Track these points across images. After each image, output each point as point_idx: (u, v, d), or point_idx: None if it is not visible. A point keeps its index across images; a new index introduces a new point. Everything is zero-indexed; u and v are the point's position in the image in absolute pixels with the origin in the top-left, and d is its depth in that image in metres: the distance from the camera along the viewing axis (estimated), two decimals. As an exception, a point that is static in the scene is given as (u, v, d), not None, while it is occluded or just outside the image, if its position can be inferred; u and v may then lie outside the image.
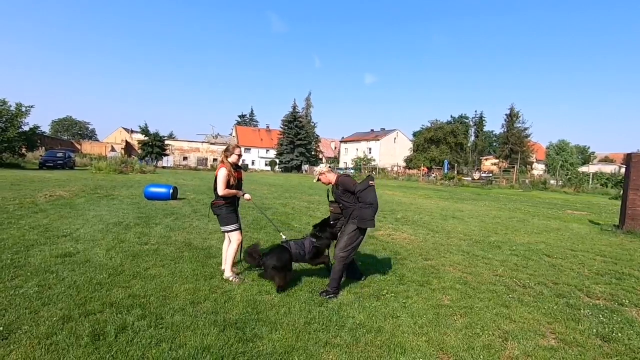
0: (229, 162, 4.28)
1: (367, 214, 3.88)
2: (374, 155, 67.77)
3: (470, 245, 6.67)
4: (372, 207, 3.90)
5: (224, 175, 4.13)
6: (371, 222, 3.91)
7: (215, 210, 4.27)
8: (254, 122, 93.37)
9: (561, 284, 4.56)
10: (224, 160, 4.28)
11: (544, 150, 62.29)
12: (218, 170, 4.20)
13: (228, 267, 4.23)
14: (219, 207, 4.24)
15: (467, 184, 33.75)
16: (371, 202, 3.89)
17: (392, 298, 3.83)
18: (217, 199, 4.22)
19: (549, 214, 12.50)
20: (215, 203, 4.25)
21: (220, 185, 4.12)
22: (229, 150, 4.33)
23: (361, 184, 3.99)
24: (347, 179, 4.11)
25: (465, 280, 4.55)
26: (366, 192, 3.92)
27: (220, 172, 4.15)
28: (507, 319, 3.40)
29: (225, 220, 4.25)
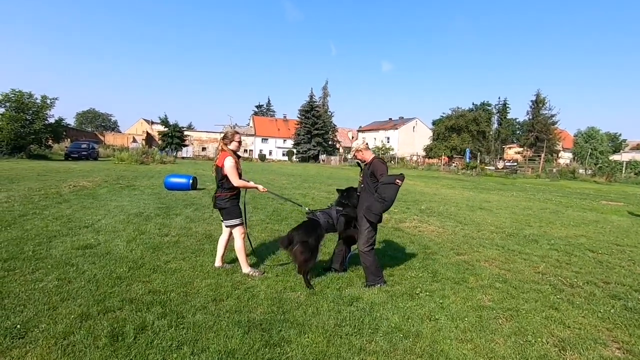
0: (230, 149, 3.90)
1: (377, 208, 3.66)
2: (393, 144, 66.59)
3: (503, 239, 6.26)
4: (385, 204, 3.64)
5: (233, 166, 3.79)
6: (376, 217, 3.73)
7: (219, 203, 3.91)
8: (271, 112, 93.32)
9: (613, 283, 4.14)
10: (224, 148, 3.88)
11: (571, 139, 59.68)
12: (222, 159, 3.80)
13: (243, 264, 3.99)
14: (224, 200, 3.90)
15: (490, 174, 32.67)
16: (386, 198, 3.63)
17: (427, 297, 3.53)
18: (223, 190, 3.88)
19: (583, 205, 11.80)
20: (220, 195, 3.90)
21: (233, 177, 3.80)
22: (227, 137, 3.94)
23: (388, 177, 3.72)
24: (380, 165, 3.85)
25: (504, 277, 4.20)
26: (388, 187, 3.67)
27: (227, 162, 3.78)
28: (560, 324, 3.05)
29: (231, 213, 3.93)
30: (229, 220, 3.94)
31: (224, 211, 3.94)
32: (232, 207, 3.93)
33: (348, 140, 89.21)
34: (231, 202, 3.92)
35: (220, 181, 3.86)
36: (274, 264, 4.33)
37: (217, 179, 3.89)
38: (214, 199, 3.98)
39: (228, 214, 3.93)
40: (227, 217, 3.94)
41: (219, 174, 3.85)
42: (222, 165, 3.79)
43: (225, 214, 3.95)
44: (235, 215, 3.94)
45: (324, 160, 58.31)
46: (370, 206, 3.70)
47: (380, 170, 3.77)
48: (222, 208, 3.93)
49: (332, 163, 53.78)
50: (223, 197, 3.89)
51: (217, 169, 3.87)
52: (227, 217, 3.94)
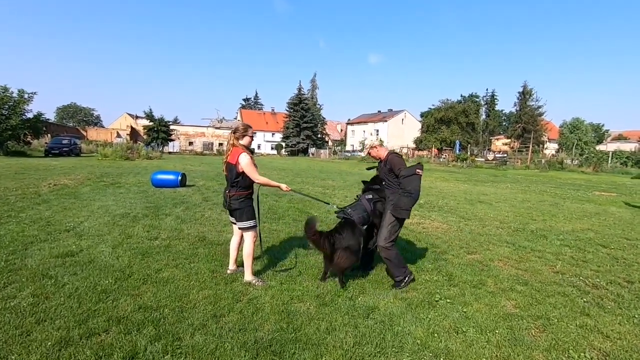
0: (242, 145, 3.59)
1: (404, 203, 3.52)
2: (382, 136, 66.48)
3: (511, 235, 6.03)
4: (412, 197, 3.52)
5: (250, 162, 3.46)
6: (406, 212, 3.54)
7: (233, 204, 3.55)
8: (258, 105, 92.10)
9: (637, 282, 3.93)
10: (235, 143, 3.56)
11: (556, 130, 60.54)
12: (236, 156, 3.46)
13: (248, 270, 3.63)
14: (239, 200, 3.55)
15: (480, 165, 32.83)
16: (411, 191, 3.52)
17: (448, 305, 3.23)
18: (238, 189, 3.53)
19: (579, 196, 11.76)
20: (234, 195, 3.53)
21: (254, 174, 3.48)
22: (239, 131, 3.62)
23: (407, 169, 3.61)
24: (397, 159, 3.72)
25: (524, 279, 3.94)
26: (410, 179, 3.56)
27: (242, 159, 3.44)
28: (598, 334, 2.79)
29: (245, 214, 3.58)
30: (243, 222, 3.60)
31: (237, 212, 3.59)
32: (246, 207, 3.60)
33: (337, 134, 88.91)
34: (245, 203, 3.59)
35: (235, 180, 3.50)
36: (276, 271, 3.96)
37: (231, 178, 3.52)
38: (225, 199, 3.64)
39: (241, 215, 3.59)
40: (241, 218, 3.60)
41: (233, 171, 3.48)
42: (236, 162, 3.45)
43: (238, 215, 3.61)
44: (249, 217, 3.61)
45: (314, 154, 57.83)
46: (397, 203, 3.55)
47: (397, 165, 3.65)
48: (235, 209, 3.58)
49: (322, 156, 53.37)
50: (237, 197, 3.54)
51: (230, 166, 3.50)
52: (241, 219, 3.60)
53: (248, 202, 3.62)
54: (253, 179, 3.51)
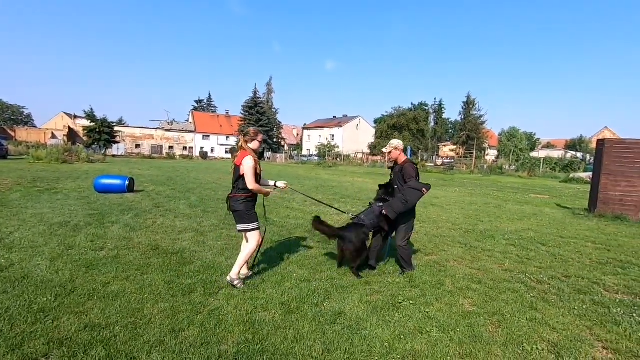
0: (250, 148, 3.64)
1: (398, 207, 3.99)
2: (338, 142, 67.62)
3: (463, 236, 6.37)
4: (405, 206, 3.99)
5: (252, 166, 3.52)
6: (394, 214, 4.00)
7: (234, 206, 3.61)
8: (212, 107, 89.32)
9: (573, 277, 4.32)
10: (244, 146, 3.63)
11: (496, 137, 65.64)
12: (242, 158, 3.55)
13: (236, 269, 3.59)
14: (240, 202, 3.60)
15: (430, 170, 34.55)
16: (408, 201, 3.98)
17: (411, 307, 3.30)
18: (238, 191, 3.61)
19: (519, 199, 12.78)
20: (235, 196, 3.61)
21: (249, 179, 3.52)
22: (249, 135, 3.69)
23: (416, 184, 4.05)
24: (410, 169, 4.12)
25: (478, 278, 4.16)
26: (413, 192, 4.01)
27: (246, 162, 3.51)
28: (546, 326, 3.01)
29: (246, 217, 3.62)
30: (243, 224, 3.64)
31: (237, 214, 3.64)
32: (247, 210, 3.63)
33: (293, 138, 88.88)
34: (246, 205, 3.62)
35: (236, 181, 3.61)
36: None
37: (233, 179, 3.65)
38: (228, 201, 3.71)
39: (242, 217, 3.63)
40: (241, 220, 3.63)
41: (237, 173, 3.60)
42: (241, 164, 3.54)
43: (238, 218, 3.65)
44: (250, 220, 3.64)
45: (270, 158, 57.21)
46: (392, 204, 4.03)
47: (408, 175, 4.06)
48: (235, 211, 3.63)
49: (278, 160, 53.00)
50: (237, 199, 3.61)
51: (236, 168, 3.61)
52: (241, 221, 3.64)
53: (249, 205, 3.63)
54: (247, 183, 3.53)
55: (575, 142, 65.88)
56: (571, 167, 34.40)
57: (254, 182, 3.55)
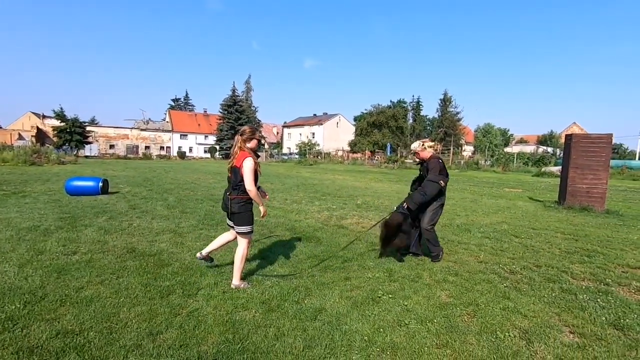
0: (249, 148, 3.56)
1: (418, 198, 4.45)
2: (318, 139, 67.74)
3: (440, 230, 6.49)
4: (424, 198, 4.44)
5: (252, 168, 3.44)
6: (414, 205, 4.48)
7: (234, 207, 3.54)
8: (189, 106, 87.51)
9: (543, 266, 4.51)
10: (242, 146, 3.53)
11: (472, 133, 67.42)
12: (241, 159, 3.46)
13: (237, 275, 3.58)
14: (240, 204, 3.54)
15: (409, 166, 35.11)
16: (427, 193, 4.42)
17: (390, 300, 3.37)
18: (239, 193, 3.52)
19: (493, 193, 13.20)
20: (235, 198, 3.53)
21: (248, 180, 3.43)
22: (246, 134, 3.58)
23: (435, 176, 4.47)
24: (434, 164, 4.55)
25: (454, 270, 4.28)
26: (432, 184, 4.44)
27: (246, 163, 3.42)
28: (518, 314, 3.13)
29: (243, 219, 3.57)
30: (241, 226, 3.57)
31: (236, 216, 3.57)
32: (246, 212, 3.58)
33: (273, 136, 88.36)
34: (245, 207, 3.57)
35: (238, 183, 3.50)
36: (218, 280, 3.77)
37: (234, 180, 3.53)
38: (225, 201, 3.63)
39: (240, 219, 3.56)
40: (240, 222, 3.56)
41: (237, 174, 3.49)
42: (241, 165, 3.45)
43: (236, 220, 3.57)
44: (248, 222, 3.60)
45: (250, 157, 56.55)
46: (413, 196, 4.54)
47: (434, 168, 4.50)
48: (234, 213, 3.56)
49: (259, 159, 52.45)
50: (238, 201, 3.53)
51: (235, 169, 3.51)
52: (240, 223, 3.57)
53: (248, 207, 3.59)
54: (246, 185, 3.45)
55: (546, 137, 68.46)
56: (542, 161, 35.79)
57: (253, 185, 3.48)
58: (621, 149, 55.98)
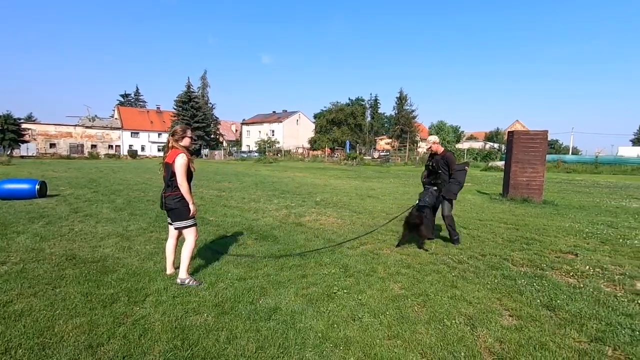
0: (182, 146, 3.62)
1: (454, 189, 5.18)
2: (278, 137, 67.16)
3: (396, 224, 6.73)
4: (459, 185, 5.21)
5: (184, 164, 3.51)
6: (454, 195, 5.23)
7: (168, 204, 3.59)
8: (140, 102, 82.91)
9: (488, 255, 4.81)
10: (175, 145, 3.61)
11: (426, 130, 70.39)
12: (174, 156, 3.52)
13: (184, 268, 3.62)
14: (175, 199, 3.57)
15: (368, 163, 35.95)
16: (460, 181, 5.22)
17: (345, 295, 3.41)
18: (173, 189, 3.56)
19: (445, 187, 13.87)
20: (170, 194, 3.58)
21: (180, 176, 3.51)
22: (177, 134, 3.66)
23: (459, 165, 5.26)
24: (452, 157, 5.29)
25: (407, 262, 4.43)
26: (460, 173, 5.24)
27: (178, 160, 3.50)
28: (464, 301, 3.31)
29: (181, 215, 3.60)
30: (180, 221, 3.63)
31: (173, 212, 3.63)
32: (183, 207, 3.60)
33: (232, 134, 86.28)
34: (182, 203, 3.59)
35: (170, 179, 3.57)
36: (169, 284, 3.60)
37: (167, 177, 3.59)
38: (162, 199, 3.66)
39: (178, 215, 3.61)
40: (178, 218, 3.63)
41: (169, 171, 3.56)
42: (173, 162, 3.52)
43: (174, 216, 3.64)
44: (187, 216, 3.63)
45: (207, 155, 54.90)
46: (449, 188, 5.16)
47: (452, 160, 5.22)
48: (171, 209, 3.62)
49: (217, 158, 51.05)
50: (173, 197, 3.57)
51: (167, 166, 3.58)
52: (178, 219, 3.63)
53: (184, 202, 3.59)
54: (178, 181, 3.51)
55: (493, 134, 73.16)
56: (489, 156, 38.23)
57: (186, 181, 3.54)
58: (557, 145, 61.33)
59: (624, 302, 3.34)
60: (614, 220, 7.45)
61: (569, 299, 3.39)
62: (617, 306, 3.24)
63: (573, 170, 26.72)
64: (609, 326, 2.88)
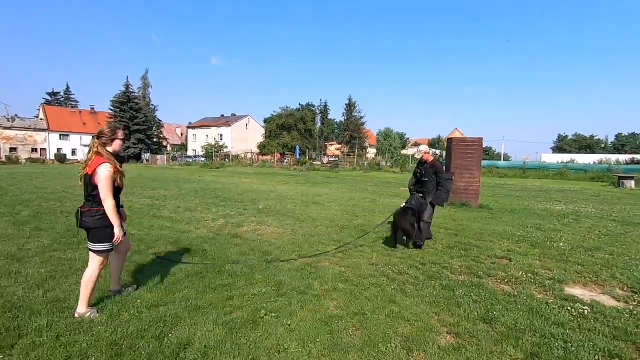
0: (109, 152, 3.01)
1: (442, 196, 5.53)
2: (226, 141, 64.98)
3: (338, 233, 6.49)
4: (447, 193, 5.60)
5: (108, 176, 2.88)
6: (442, 202, 5.65)
7: (86, 221, 2.95)
8: (71, 101, 75.61)
9: (428, 263, 4.70)
10: (100, 150, 2.96)
11: (374, 137, 72.60)
12: (96, 166, 2.88)
13: (83, 300, 2.98)
14: (95, 217, 2.94)
15: (317, 168, 35.94)
16: (448, 190, 5.62)
17: (273, 320, 3.01)
18: (94, 204, 2.95)
19: (391, 192, 14.08)
20: (90, 210, 2.95)
21: (105, 191, 2.89)
22: (105, 136, 3.02)
23: (447, 174, 5.61)
24: (440, 165, 5.60)
25: (345, 276, 4.15)
26: (448, 181, 5.63)
27: (101, 171, 2.86)
28: (401, 319, 3.07)
29: (99, 236, 2.97)
30: (97, 244, 2.98)
31: (92, 232, 2.98)
32: (104, 227, 2.97)
33: (177, 137, 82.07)
34: (103, 221, 2.96)
35: (91, 193, 2.95)
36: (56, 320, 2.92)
37: (86, 191, 2.99)
38: (78, 215, 2.99)
39: (96, 235, 2.97)
40: (94, 238, 2.98)
41: (90, 183, 2.93)
42: (93, 172, 2.89)
43: (92, 236, 2.98)
44: (106, 239, 2.99)
45: (148, 160, 51.37)
46: (438, 195, 5.47)
47: (440, 169, 5.51)
48: (89, 228, 2.97)
49: (159, 162, 47.95)
50: (94, 213, 2.94)
51: (87, 177, 2.94)
52: (94, 239, 2.98)
53: (106, 222, 2.96)
54: (100, 196, 2.89)
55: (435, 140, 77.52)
56: (432, 162, 40.24)
57: (111, 196, 2.92)
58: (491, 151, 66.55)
59: (555, 310, 3.33)
60: (541, 222, 7.91)
61: (505, 309, 3.31)
62: (549, 314, 3.21)
63: (505, 175, 28.94)
64: (543, 338, 2.79)
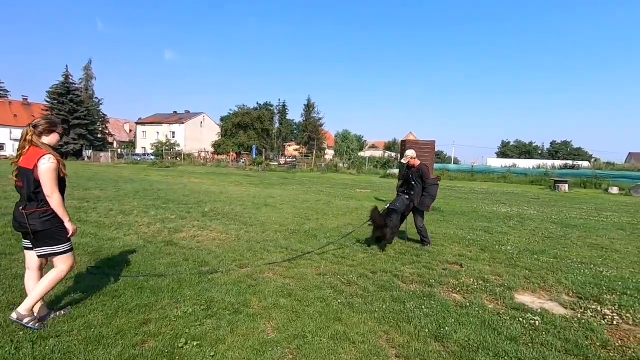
0: (46, 144, 2.68)
1: (427, 202, 5.71)
2: (179, 139, 61.93)
3: (287, 238, 6.05)
4: (432, 198, 5.76)
5: (53, 168, 2.58)
6: (427, 207, 5.87)
7: (34, 225, 2.59)
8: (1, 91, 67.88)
9: (378, 272, 4.41)
10: (35, 141, 2.64)
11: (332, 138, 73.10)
12: (35, 158, 2.55)
13: (31, 301, 2.64)
14: (44, 217, 2.62)
15: (274, 169, 35.22)
16: (433, 195, 5.77)
17: (194, 351, 2.50)
18: (39, 204, 2.61)
19: (346, 194, 13.90)
20: (36, 211, 2.61)
21: (50, 186, 2.58)
22: (41, 126, 2.68)
23: (432, 179, 5.75)
24: (426, 170, 5.70)
25: (289, 288, 3.72)
26: (433, 187, 5.75)
27: (44, 164, 2.55)
28: (346, 341, 2.70)
29: (53, 236, 2.67)
30: (51, 247, 2.67)
31: (40, 234, 2.64)
32: (55, 227, 2.67)
33: (125, 133, 77.02)
34: (52, 222, 2.66)
35: (34, 190, 2.59)
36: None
37: (28, 188, 2.59)
38: (17, 217, 2.63)
39: (49, 238, 2.66)
40: (47, 242, 2.66)
41: (30, 179, 2.57)
42: (34, 166, 2.56)
43: (42, 240, 2.65)
44: (60, 239, 2.70)
45: (90, 157, 47.39)
46: (422, 201, 5.64)
47: (426, 174, 5.64)
48: (37, 231, 2.61)
49: (102, 160, 44.31)
50: (40, 214, 2.61)
51: (25, 172, 2.58)
52: (47, 243, 2.66)
53: (57, 220, 2.67)
54: (45, 192, 2.57)
55: (391, 143, 79.73)
56: (388, 164, 41.11)
57: (57, 191, 2.62)
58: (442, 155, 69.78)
59: (507, 322, 3.15)
60: (489, 225, 8.04)
61: (457, 323, 3.08)
62: (502, 328, 3.02)
63: (455, 178, 30.19)
64: (496, 357, 2.56)
